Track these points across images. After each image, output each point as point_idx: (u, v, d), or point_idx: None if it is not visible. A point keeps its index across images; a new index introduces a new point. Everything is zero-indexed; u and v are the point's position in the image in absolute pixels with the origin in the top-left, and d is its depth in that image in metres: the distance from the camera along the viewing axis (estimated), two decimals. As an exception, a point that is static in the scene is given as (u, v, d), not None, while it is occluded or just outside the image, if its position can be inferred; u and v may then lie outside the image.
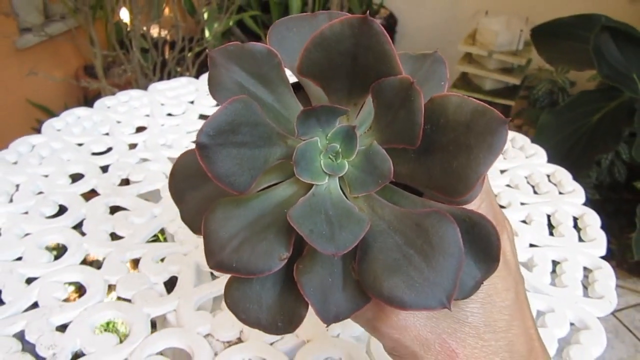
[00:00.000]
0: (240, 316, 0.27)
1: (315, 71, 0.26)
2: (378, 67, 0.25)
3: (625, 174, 1.73)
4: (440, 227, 0.24)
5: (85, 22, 1.53)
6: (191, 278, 0.54)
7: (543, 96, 1.99)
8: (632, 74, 1.39)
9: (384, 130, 0.26)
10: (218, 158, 0.24)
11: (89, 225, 0.60)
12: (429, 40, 2.51)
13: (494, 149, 0.23)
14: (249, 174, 0.25)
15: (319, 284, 0.25)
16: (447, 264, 0.23)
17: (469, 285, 0.25)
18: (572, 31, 1.57)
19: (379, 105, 0.26)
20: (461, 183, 0.23)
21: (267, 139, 0.26)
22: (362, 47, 0.25)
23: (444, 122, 0.24)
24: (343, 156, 0.26)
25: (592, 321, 0.52)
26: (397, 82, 0.25)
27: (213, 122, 0.24)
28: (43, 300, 0.51)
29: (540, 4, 1.99)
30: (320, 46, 0.26)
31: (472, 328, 0.26)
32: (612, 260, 0.58)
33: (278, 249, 0.25)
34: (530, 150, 0.78)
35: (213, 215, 0.26)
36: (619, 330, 1.52)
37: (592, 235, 0.62)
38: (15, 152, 0.72)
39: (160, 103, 0.85)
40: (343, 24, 0.25)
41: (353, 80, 0.27)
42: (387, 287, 0.23)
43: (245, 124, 0.25)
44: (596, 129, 1.48)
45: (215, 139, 0.24)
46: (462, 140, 0.24)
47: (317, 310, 0.25)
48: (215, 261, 0.25)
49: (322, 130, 0.27)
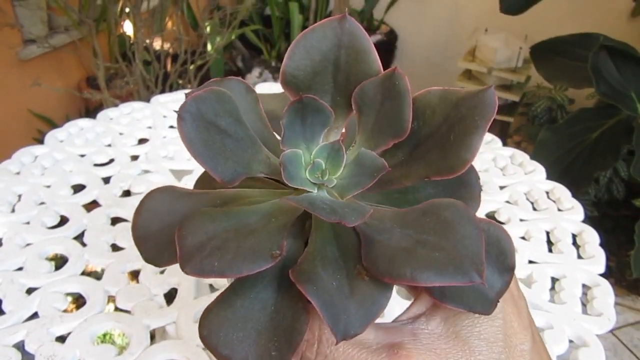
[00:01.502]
0: (220, 352, 0.22)
1: (299, 80, 0.26)
2: (359, 68, 0.25)
3: (624, 191, 1.74)
4: (449, 208, 0.22)
5: (88, 34, 1.54)
6: (191, 290, 0.54)
7: (542, 113, 2.00)
8: (630, 92, 1.40)
9: (370, 134, 0.25)
10: (201, 136, 0.22)
11: (90, 236, 0.61)
12: (429, 57, 2.53)
13: (487, 109, 0.22)
14: (233, 166, 0.23)
15: (323, 286, 0.21)
16: (467, 236, 0.21)
17: (488, 297, 0.23)
18: (571, 49, 1.59)
19: (362, 111, 0.25)
20: (463, 149, 0.22)
21: (250, 144, 0.24)
22: (343, 47, 0.25)
23: (431, 113, 0.24)
24: (330, 173, 0.25)
25: (591, 338, 0.52)
26: (380, 78, 0.25)
27: (196, 99, 0.23)
28: (43, 311, 0.51)
29: (539, 22, 2.01)
30: (304, 49, 0.26)
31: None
32: (610, 278, 0.58)
33: (269, 246, 0.22)
34: (529, 166, 0.78)
35: (189, 220, 0.23)
36: (618, 348, 1.52)
37: (591, 253, 0.63)
38: (18, 162, 0.72)
39: (162, 115, 0.85)
40: (324, 24, 0.26)
41: (335, 96, 0.26)
42: (408, 265, 0.20)
43: (228, 114, 0.24)
44: (595, 146, 1.49)
45: (198, 116, 0.22)
46: (454, 115, 0.23)
47: (325, 316, 0.20)
48: (192, 263, 0.21)
49: (305, 145, 0.25)
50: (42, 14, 1.71)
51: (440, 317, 0.24)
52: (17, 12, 1.62)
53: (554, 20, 2.06)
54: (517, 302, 0.26)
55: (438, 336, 0.24)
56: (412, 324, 0.24)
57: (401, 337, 0.24)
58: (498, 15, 1.53)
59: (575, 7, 2.08)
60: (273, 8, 2.33)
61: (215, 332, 0.22)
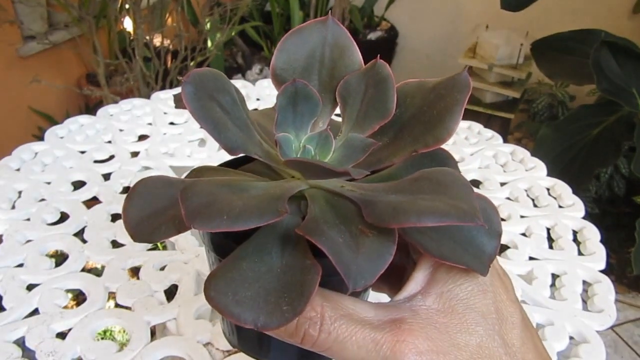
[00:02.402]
0: (231, 310, 0.21)
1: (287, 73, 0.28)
2: (342, 62, 0.28)
3: (624, 188, 1.74)
4: (441, 172, 0.24)
5: (88, 30, 1.54)
6: (191, 286, 0.54)
7: (543, 110, 2.00)
8: (631, 88, 1.40)
9: (355, 122, 0.27)
10: (204, 103, 0.24)
11: (90, 232, 0.61)
12: (429, 53, 2.53)
13: (463, 86, 0.25)
14: (234, 138, 0.24)
15: (331, 242, 0.21)
16: (460, 189, 0.23)
17: (482, 258, 0.25)
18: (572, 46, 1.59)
19: (346, 102, 0.27)
20: (447, 118, 0.25)
21: (245, 126, 0.26)
22: (327, 45, 0.28)
23: (411, 99, 0.26)
24: (320, 157, 0.27)
25: (592, 335, 0.52)
26: (362, 71, 0.27)
27: (198, 72, 0.24)
28: (44, 307, 0.51)
29: (540, 19, 2.01)
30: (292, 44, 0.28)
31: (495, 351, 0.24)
32: (611, 275, 0.58)
33: (274, 204, 0.22)
34: (530, 163, 0.78)
35: (192, 186, 0.22)
36: (618, 344, 1.52)
37: (591, 249, 0.63)
38: (18, 158, 0.72)
39: (162, 112, 0.85)
40: (310, 25, 0.28)
41: (320, 91, 0.28)
42: (413, 211, 0.21)
43: (226, 93, 0.25)
44: (595, 143, 1.49)
45: (201, 85, 0.24)
46: (433, 97, 0.26)
47: (337, 262, 0.20)
48: (200, 218, 0.20)
49: (295, 133, 0.27)
50: (42, 10, 1.70)
51: (435, 294, 0.25)
52: (17, 8, 1.62)
53: (555, 17, 2.06)
54: (502, 279, 0.27)
55: (436, 311, 0.24)
56: (410, 302, 0.25)
57: (401, 314, 0.24)
58: (499, 12, 1.52)
59: (577, 3, 2.08)
60: (273, 4, 2.33)
61: (224, 292, 0.21)
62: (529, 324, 0.26)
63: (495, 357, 0.24)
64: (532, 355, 0.25)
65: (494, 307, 0.25)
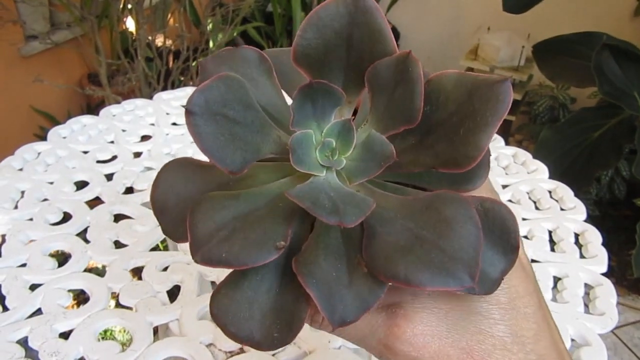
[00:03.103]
0: (229, 330, 0.23)
1: (310, 56, 0.25)
2: (372, 47, 0.25)
3: (625, 190, 1.74)
4: (452, 204, 0.22)
5: (90, 30, 1.54)
6: (194, 287, 0.55)
7: (544, 112, 2.00)
8: (632, 91, 1.40)
9: (381, 117, 0.25)
10: (209, 129, 0.22)
11: (93, 232, 0.61)
12: (431, 55, 2.53)
13: (499, 108, 0.22)
14: (242, 155, 0.23)
15: (323, 277, 0.22)
16: (465, 238, 0.21)
17: (491, 277, 0.23)
18: (574, 48, 1.59)
19: (374, 91, 0.25)
20: (471, 146, 0.22)
21: (260, 126, 0.24)
22: (356, 25, 0.25)
23: (444, 98, 0.24)
24: (340, 152, 0.25)
25: (593, 337, 0.52)
26: (393, 59, 0.24)
27: (204, 90, 0.22)
28: (47, 307, 0.51)
29: (542, 21, 2.01)
30: (316, 26, 0.25)
31: (498, 340, 0.23)
32: (611, 277, 0.58)
33: (274, 237, 0.22)
34: (532, 166, 0.78)
35: (200, 207, 0.23)
36: (618, 347, 1.52)
37: (593, 252, 0.63)
38: (21, 158, 0.72)
39: (165, 112, 0.86)
40: (337, 2, 0.25)
41: (348, 72, 0.26)
42: (403, 266, 0.21)
43: (238, 102, 0.23)
44: (596, 145, 1.49)
45: (206, 108, 0.22)
46: (466, 108, 0.23)
47: (321, 307, 0.21)
48: (202, 253, 0.22)
49: (317, 124, 0.25)
50: (44, 10, 1.70)
51: None
52: (19, 8, 1.62)
53: (556, 19, 2.06)
54: (525, 269, 0.26)
55: (437, 295, 0.24)
56: None
57: (401, 297, 0.24)
58: (501, 14, 1.53)
59: (578, 6, 2.08)
60: (275, 5, 2.33)
61: (224, 311, 0.23)
62: (546, 317, 0.25)
63: (498, 344, 0.23)
64: (545, 347, 0.24)
65: (506, 297, 0.24)
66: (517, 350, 0.23)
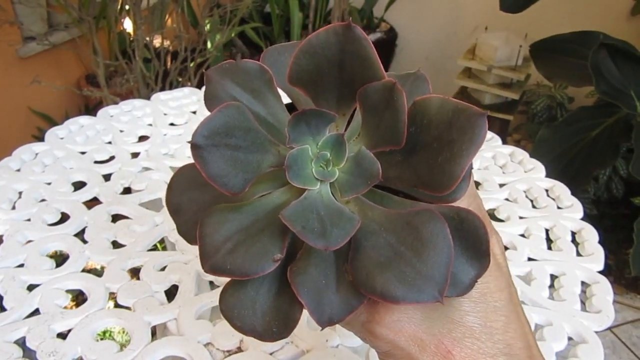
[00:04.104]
0: (234, 323, 0.27)
1: (304, 79, 0.28)
2: (362, 73, 0.27)
3: (623, 189, 1.75)
4: (429, 224, 0.24)
5: (88, 31, 1.54)
6: (192, 287, 0.55)
7: (541, 111, 2.00)
8: (629, 90, 1.41)
9: (371, 134, 0.27)
10: (212, 159, 0.25)
11: (91, 233, 0.61)
12: (428, 54, 2.53)
13: (474, 141, 0.24)
14: (243, 177, 0.25)
15: (313, 285, 0.25)
16: (438, 258, 0.24)
17: (464, 282, 0.25)
18: (571, 48, 1.59)
19: (365, 110, 0.27)
20: (446, 176, 0.24)
21: (260, 145, 0.26)
22: (347, 53, 0.27)
23: (427, 122, 0.26)
24: (333, 163, 0.27)
25: (590, 335, 0.52)
26: (381, 85, 0.26)
27: (208, 124, 0.25)
28: (44, 307, 0.51)
29: (539, 21, 2.01)
30: (308, 53, 0.27)
31: (468, 329, 0.26)
32: (609, 276, 0.59)
33: (272, 250, 0.25)
34: (529, 164, 0.78)
35: (208, 220, 0.26)
36: (616, 346, 1.52)
37: (590, 250, 0.63)
38: (19, 159, 0.72)
39: (163, 113, 0.86)
40: (328, 32, 0.27)
41: (340, 89, 0.28)
42: (380, 282, 0.24)
43: (239, 128, 0.26)
44: (594, 144, 1.49)
45: (210, 140, 0.25)
46: (445, 136, 0.25)
47: (311, 312, 0.25)
48: (210, 264, 0.25)
49: (312, 138, 0.27)
50: (42, 11, 1.70)
51: None
52: (17, 9, 1.62)
53: (554, 19, 2.06)
54: (500, 267, 0.28)
55: None
56: None
57: None
58: (498, 14, 1.53)
59: (575, 5, 2.08)
60: (273, 6, 2.33)
61: (231, 308, 0.27)
62: (517, 311, 0.28)
63: (468, 333, 0.26)
64: (513, 338, 0.26)
65: (478, 292, 0.26)
66: (485, 339, 0.26)
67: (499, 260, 0.28)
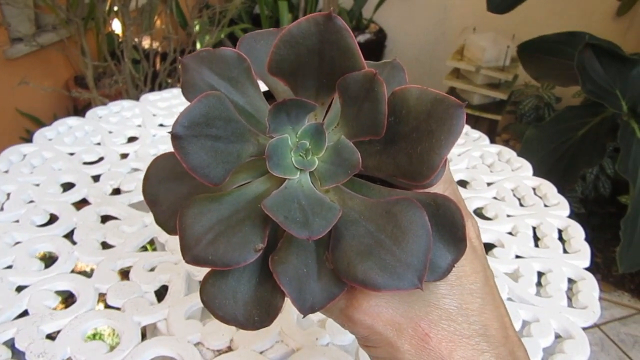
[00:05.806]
0: (216, 313, 0.27)
1: (284, 69, 0.27)
2: (343, 63, 0.26)
3: (610, 188, 1.76)
4: (408, 212, 0.25)
5: (76, 32, 1.53)
6: (181, 287, 0.55)
7: (529, 111, 2.02)
8: (615, 90, 1.42)
9: (350, 124, 0.27)
10: (192, 149, 0.24)
11: (80, 234, 0.61)
12: (417, 55, 2.54)
13: (453, 131, 0.24)
14: (223, 167, 0.25)
15: (295, 274, 0.25)
16: (417, 245, 0.24)
17: (441, 267, 0.25)
18: (558, 48, 1.61)
19: (344, 100, 0.27)
20: (425, 165, 0.25)
21: (240, 135, 0.26)
22: (327, 43, 0.26)
23: (406, 112, 0.26)
24: (313, 152, 0.27)
25: (576, 331, 0.53)
26: (361, 75, 0.26)
27: (188, 114, 0.24)
28: (33, 308, 0.51)
29: (527, 21, 2.03)
30: (289, 43, 0.27)
31: (444, 311, 0.26)
32: (597, 274, 0.59)
33: (253, 240, 0.25)
34: (516, 163, 0.79)
35: (188, 210, 0.26)
36: (605, 343, 1.54)
37: (576, 247, 0.64)
38: (7, 160, 0.72)
39: (152, 114, 0.85)
40: (309, 21, 0.27)
41: (320, 79, 0.28)
42: (361, 270, 0.24)
43: (219, 118, 0.25)
44: (581, 143, 1.51)
45: (190, 130, 0.24)
46: (424, 127, 0.25)
47: (293, 300, 0.25)
48: (191, 255, 0.25)
49: (292, 127, 0.27)
50: (30, 12, 1.69)
51: None
52: (4, 10, 1.61)
53: (541, 20, 2.08)
54: (475, 250, 0.28)
55: None
56: None
57: None
58: (486, 15, 1.54)
59: (562, 6, 2.11)
60: (262, 7, 2.33)
61: (212, 299, 0.27)
62: (493, 293, 0.28)
63: (444, 315, 0.26)
64: (489, 319, 0.27)
65: (454, 275, 0.27)
66: (461, 321, 0.26)
67: (475, 244, 0.29)
